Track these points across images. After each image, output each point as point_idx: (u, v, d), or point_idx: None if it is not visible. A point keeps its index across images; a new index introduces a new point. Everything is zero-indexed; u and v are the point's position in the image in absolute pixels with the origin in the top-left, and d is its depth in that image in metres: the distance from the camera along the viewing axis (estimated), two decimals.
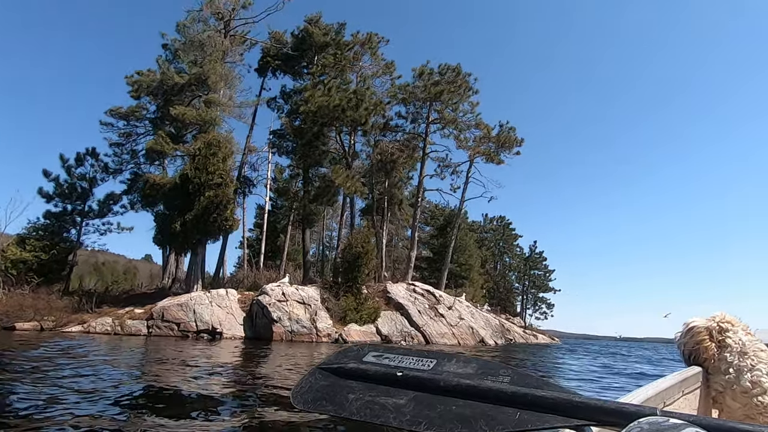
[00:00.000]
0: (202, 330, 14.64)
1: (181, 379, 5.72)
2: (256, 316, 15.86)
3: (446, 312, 20.85)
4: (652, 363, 14.28)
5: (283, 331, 15.01)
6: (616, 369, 10.77)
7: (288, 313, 15.45)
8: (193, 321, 14.66)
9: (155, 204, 18.50)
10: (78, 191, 21.72)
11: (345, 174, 20.29)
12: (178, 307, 14.90)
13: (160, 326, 14.48)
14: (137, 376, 5.77)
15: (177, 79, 21.55)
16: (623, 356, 17.82)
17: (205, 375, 6.16)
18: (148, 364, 7.42)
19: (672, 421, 0.50)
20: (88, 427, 3.10)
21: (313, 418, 3.43)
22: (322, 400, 0.76)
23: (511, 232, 51.03)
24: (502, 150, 29.92)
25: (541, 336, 36.57)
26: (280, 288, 16.67)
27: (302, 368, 7.56)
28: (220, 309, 15.66)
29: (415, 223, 26.26)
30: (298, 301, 16.25)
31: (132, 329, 14.40)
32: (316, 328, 15.53)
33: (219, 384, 5.53)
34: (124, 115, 25.97)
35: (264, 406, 4.25)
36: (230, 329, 15.09)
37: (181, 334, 14.45)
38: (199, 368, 6.90)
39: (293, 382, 5.29)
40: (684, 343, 1.44)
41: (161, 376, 6.10)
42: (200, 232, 16.93)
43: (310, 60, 27.05)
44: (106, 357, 8.06)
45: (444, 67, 25.43)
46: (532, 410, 0.66)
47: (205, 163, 17.35)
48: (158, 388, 5.00)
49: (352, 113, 21.03)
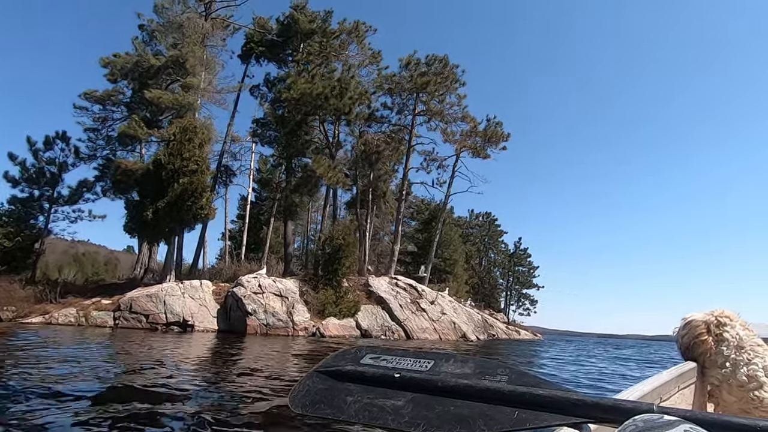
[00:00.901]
0: (172, 322, 14.02)
1: (116, 377, 5.20)
2: (231, 309, 15.29)
3: (428, 307, 20.54)
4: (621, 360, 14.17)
5: (258, 324, 14.48)
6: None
7: (264, 306, 14.91)
8: (162, 312, 14.03)
9: (127, 191, 17.69)
10: (47, 176, 20.73)
11: (327, 164, 19.72)
12: (147, 298, 14.25)
13: (127, 318, 13.81)
14: (77, 373, 5.22)
15: (153, 62, 20.66)
16: (598, 355, 17.75)
17: (151, 372, 5.65)
18: (103, 359, 6.86)
19: (666, 418, 0.50)
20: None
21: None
22: (320, 404, 0.75)
23: (496, 228, 51.08)
24: (488, 144, 29.65)
25: (523, 332, 36.60)
26: (257, 280, 16.11)
27: (267, 370, 7.09)
28: (193, 301, 15.04)
29: (399, 217, 25.85)
30: (275, 294, 15.72)
31: (97, 321, 13.71)
32: (293, 322, 15.03)
33: (152, 381, 5.02)
34: (100, 98, 24.81)
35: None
36: (202, 322, 14.49)
37: (149, 326, 13.81)
38: (151, 364, 6.38)
39: (254, 392, 4.80)
40: (682, 337, 1.44)
41: (104, 372, 5.56)
42: (174, 221, 16.22)
43: (296, 48, 26.30)
44: (57, 350, 7.46)
45: (431, 58, 24.95)
46: (529, 409, 0.65)
47: (180, 148, 16.61)
48: (100, 387, 4.48)
49: (335, 102, 20.43)
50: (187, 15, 22.20)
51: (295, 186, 20.44)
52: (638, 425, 0.49)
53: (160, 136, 17.50)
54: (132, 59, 21.31)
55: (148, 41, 22.76)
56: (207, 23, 23.57)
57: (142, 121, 18.86)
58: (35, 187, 20.19)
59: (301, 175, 20.94)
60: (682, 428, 0.46)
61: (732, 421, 0.55)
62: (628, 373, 9.13)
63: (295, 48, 26.43)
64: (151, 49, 22.78)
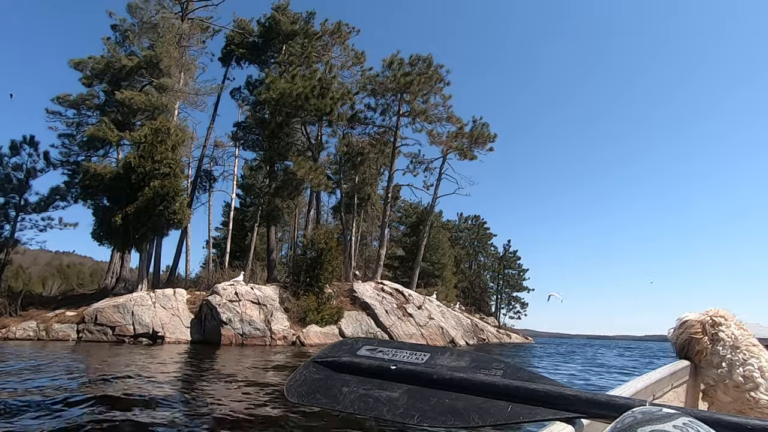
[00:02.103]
0: (141, 334, 13.17)
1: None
2: (206, 319, 14.49)
3: (415, 311, 19.90)
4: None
5: (234, 334, 13.70)
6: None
7: (240, 315, 14.14)
8: (130, 324, 13.17)
9: (96, 196, 16.80)
10: (13, 183, 19.74)
11: (309, 166, 19.04)
12: (114, 309, 13.39)
13: (92, 330, 12.94)
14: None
15: (125, 62, 19.89)
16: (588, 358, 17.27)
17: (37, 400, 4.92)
18: (22, 377, 6.09)
19: (666, 410, 0.50)
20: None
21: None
22: (316, 394, 0.75)
23: (485, 231, 50.73)
24: (475, 146, 29.30)
25: (514, 335, 36.14)
26: (234, 287, 15.34)
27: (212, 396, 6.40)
28: (165, 310, 14.21)
29: (385, 220, 25.24)
30: (253, 302, 14.96)
31: (59, 334, 12.81)
32: (271, 331, 14.27)
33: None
34: (74, 103, 23.86)
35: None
36: (174, 333, 13.66)
37: (116, 339, 12.95)
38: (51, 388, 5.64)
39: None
40: (677, 336, 1.43)
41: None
42: (145, 227, 15.39)
43: (277, 49, 25.73)
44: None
45: (415, 58, 24.52)
46: (524, 403, 0.66)
47: (151, 150, 15.82)
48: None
49: (316, 102, 19.83)
50: (162, 15, 21.50)
51: (275, 189, 19.74)
52: (636, 417, 0.48)
53: (131, 139, 16.68)
54: (104, 61, 20.50)
55: (121, 42, 21.98)
56: (184, 24, 22.90)
57: (113, 123, 18.04)
58: (0, 194, 19.20)
59: (283, 177, 20.22)
60: (681, 420, 0.46)
61: (724, 418, 0.55)
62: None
63: (277, 50, 25.86)
64: (124, 51, 22.00)
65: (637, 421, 0.47)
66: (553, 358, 13.76)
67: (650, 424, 0.46)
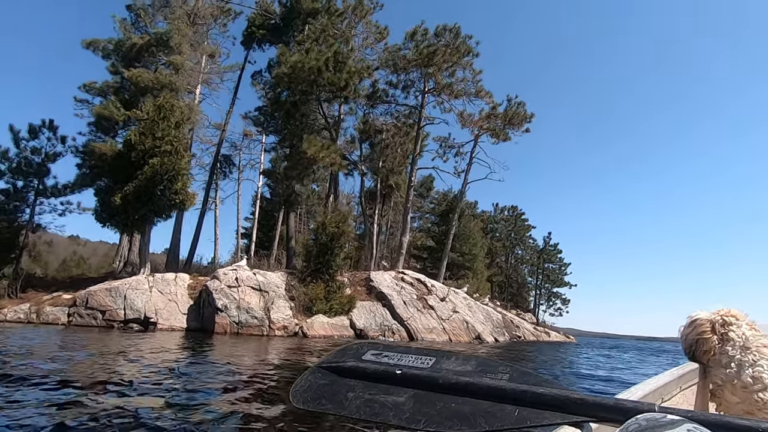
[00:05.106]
0: (131, 319, 12.28)
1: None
2: (204, 305, 13.46)
3: (437, 304, 18.08)
4: None
5: (228, 322, 12.53)
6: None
7: (237, 302, 12.96)
8: (121, 308, 12.32)
9: (101, 177, 16.23)
10: (32, 167, 19.72)
11: (320, 144, 17.62)
12: (106, 293, 12.59)
13: (82, 314, 12.19)
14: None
15: (136, 40, 19.28)
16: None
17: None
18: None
19: (669, 417, 0.50)
20: None
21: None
22: (322, 399, 0.75)
23: (523, 223, 47.63)
24: (509, 127, 26.87)
25: (554, 334, 33.29)
26: (235, 272, 14.22)
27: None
28: (161, 296, 13.30)
29: (408, 205, 23.44)
30: (254, 288, 13.76)
31: (50, 317, 12.16)
32: (270, 320, 13.00)
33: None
34: (101, 90, 23.76)
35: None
36: (167, 319, 12.70)
37: (105, 324, 12.14)
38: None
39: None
40: (686, 336, 1.39)
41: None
42: (144, 207, 14.58)
43: (299, 30, 24.48)
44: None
45: (441, 29, 22.42)
46: (531, 407, 0.65)
47: (153, 127, 14.97)
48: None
49: (330, 76, 18.34)
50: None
51: (284, 170, 18.48)
52: (641, 424, 0.48)
53: (136, 116, 15.94)
54: (115, 40, 20.05)
55: (136, 22, 21.49)
56: (197, 1, 22.11)
57: (120, 101, 17.44)
58: (18, 177, 19.21)
59: (294, 158, 18.94)
60: (685, 428, 0.45)
61: (734, 422, 0.53)
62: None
63: (299, 30, 24.62)
64: (139, 33, 21.53)
65: (641, 428, 0.46)
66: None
67: (653, 431, 0.45)
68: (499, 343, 18.87)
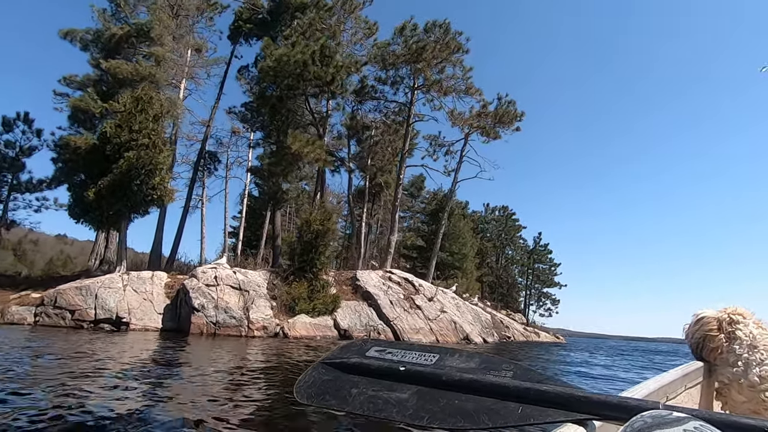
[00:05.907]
0: (102, 319, 11.71)
1: None
2: (180, 304, 12.92)
3: (425, 304, 17.71)
4: None
5: (205, 322, 12.02)
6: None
7: (215, 301, 12.45)
8: (91, 308, 11.74)
9: (76, 171, 15.60)
10: (6, 161, 19.00)
11: (304, 140, 17.16)
12: (76, 291, 12.00)
13: (49, 314, 11.58)
14: None
15: (115, 30, 18.65)
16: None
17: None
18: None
19: (675, 414, 0.49)
20: None
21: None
22: (325, 395, 0.75)
23: (514, 223, 47.54)
24: (500, 125, 26.63)
25: (544, 334, 33.13)
26: (214, 271, 13.71)
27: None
28: (135, 294, 12.73)
29: (396, 204, 23.05)
30: (233, 287, 13.25)
31: (15, 317, 11.53)
32: (249, 320, 12.50)
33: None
34: (82, 84, 23.00)
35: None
36: (141, 319, 12.14)
37: (74, 324, 11.55)
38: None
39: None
40: (692, 334, 1.40)
41: None
42: (119, 203, 13.99)
43: (287, 24, 23.97)
44: None
45: (431, 24, 22.08)
46: (534, 405, 0.65)
47: (129, 119, 14.38)
48: None
49: (316, 70, 17.89)
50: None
51: (268, 166, 17.98)
52: (647, 421, 0.47)
53: (112, 108, 15.34)
54: (93, 30, 19.40)
55: (116, 13, 20.83)
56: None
57: (98, 94, 16.82)
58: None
59: (277, 153, 18.44)
60: (692, 425, 0.45)
61: (740, 421, 0.53)
62: None
63: (286, 24, 24.10)
64: (119, 23, 20.87)
65: (647, 425, 0.46)
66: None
67: (660, 428, 0.45)
68: (487, 343, 18.56)
